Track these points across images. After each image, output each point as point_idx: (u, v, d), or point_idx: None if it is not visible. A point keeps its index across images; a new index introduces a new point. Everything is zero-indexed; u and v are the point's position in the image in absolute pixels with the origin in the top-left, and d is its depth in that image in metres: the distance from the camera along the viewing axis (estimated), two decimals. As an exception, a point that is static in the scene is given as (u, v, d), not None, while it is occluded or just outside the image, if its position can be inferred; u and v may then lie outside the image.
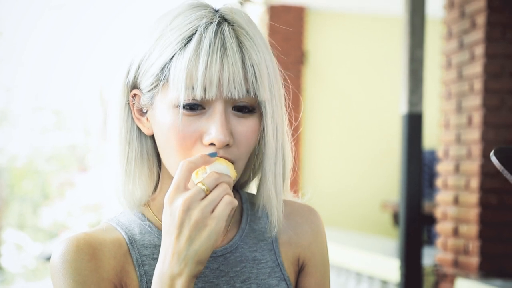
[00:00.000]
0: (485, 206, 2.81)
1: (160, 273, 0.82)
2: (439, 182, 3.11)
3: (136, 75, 0.91)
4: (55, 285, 0.88)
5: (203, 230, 0.80)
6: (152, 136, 0.94)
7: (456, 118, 3.00)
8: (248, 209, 0.98)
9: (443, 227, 3.04)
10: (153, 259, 0.91)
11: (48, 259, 7.71)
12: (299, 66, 5.10)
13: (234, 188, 0.99)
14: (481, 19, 2.86)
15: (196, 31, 0.86)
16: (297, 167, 0.99)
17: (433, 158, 4.60)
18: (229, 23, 0.87)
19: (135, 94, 0.92)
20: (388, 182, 5.17)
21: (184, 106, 0.86)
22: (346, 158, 5.22)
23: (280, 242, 0.97)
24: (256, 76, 0.86)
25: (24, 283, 8.57)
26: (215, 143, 0.86)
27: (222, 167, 0.85)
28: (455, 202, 2.96)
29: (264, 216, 0.97)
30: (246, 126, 0.88)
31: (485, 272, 2.78)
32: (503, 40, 2.86)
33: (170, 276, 0.81)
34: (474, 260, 2.81)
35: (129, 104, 0.93)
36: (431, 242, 4.34)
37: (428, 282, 3.00)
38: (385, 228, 5.10)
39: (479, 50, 2.87)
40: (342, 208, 5.13)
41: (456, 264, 2.92)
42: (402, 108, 2.95)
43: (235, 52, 0.85)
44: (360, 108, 5.25)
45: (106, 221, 0.95)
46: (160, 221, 0.94)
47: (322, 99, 5.21)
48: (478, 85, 2.87)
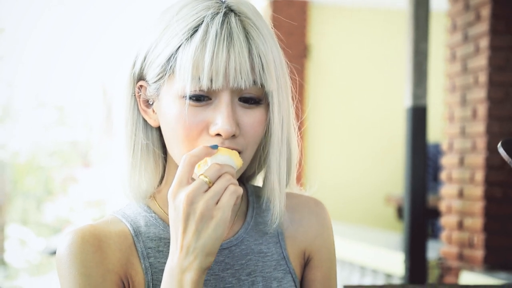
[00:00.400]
0: (489, 199, 2.81)
1: (170, 268, 0.82)
2: (443, 176, 3.10)
3: (142, 66, 0.90)
4: (61, 277, 0.88)
5: (209, 222, 0.80)
6: (158, 128, 0.93)
7: (461, 111, 2.99)
8: (253, 202, 0.98)
9: (447, 220, 3.03)
10: (158, 252, 0.91)
11: (51, 254, 7.73)
12: (302, 60, 5.08)
13: (240, 180, 0.99)
14: (485, 12, 2.85)
15: (203, 22, 0.86)
16: (302, 161, 0.99)
17: (437, 152, 4.59)
18: (235, 14, 0.87)
19: (141, 86, 0.92)
20: (392, 176, 5.16)
21: (190, 97, 0.85)
22: (349, 152, 5.21)
23: (286, 235, 0.97)
24: (263, 66, 0.86)
25: (27, 278, 8.60)
26: (221, 134, 0.85)
27: (224, 157, 0.84)
28: (460, 195, 2.96)
29: (269, 209, 0.96)
30: (252, 117, 0.88)
31: (490, 265, 2.78)
32: (508, 32, 2.84)
33: (180, 270, 0.81)
34: (479, 253, 2.81)
35: (135, 95, 0.92)
36: (435, 235, 4.33)
37: (432, 276, 2.99)
38: (389, 221, 5.10)
39: (484, 43, 2.86)
40: (346, 201, 5.13)
41: (460, 257, 2.91)
42: (407, 101, 2.94)
43: (241, 42, 0.85)
44: (364, 101, 5.24)
45: (112, 213, 0.95)
46: (165, 213, 0.94)
47: (326, 93, 5.19)
48: (483, 77, 2.86)
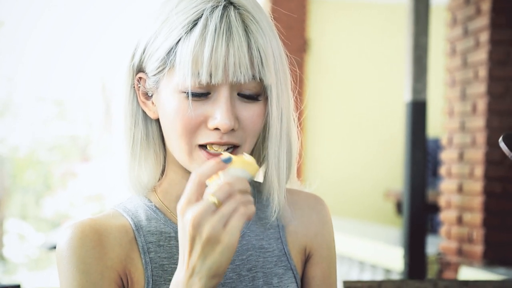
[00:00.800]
0: (489, 194, 2.80)
1: (176, 281, 0.80)
2: (443, 170, 3.10)
3: (141, 58, 0.90)
4: (60, 271, 0.88)
5: (216, 246, 0.77)
6: (158, 120, 0.93)
7: (461, 106, 2.99)
8: (255, 197, 0.97)
9: (447, 215, 3.03)
10: (158, 246, 0.90)
11: (50, 249, 7.73)
12: (302, 54, 5.07)
13: None
14: (486, 5, 2.84)
15: (202, 15, 0.85)
16: (303, 154, 0.99)
17: (436, 146, 4.58)
18: (235, 7, 0.86)
19: (140, 78, 0.91)
20: (391, 171, 5.16)
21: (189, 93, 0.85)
22: (349, 146, 5.21)
23: (287, 231, 0.97)
24: (262, 60, 0.86)
25: (27, 273, 8.60)
26: (220, 128, 0.85)
27: (237, 170, 0.80)
28: (459, 190, 2.95)
29: (270, 203, 0.96)
30: (251, 111, 0.87)
31: (489, 260, 2.78)
32: (508, 26, 2.83)
33: (185, 287, 0.79)
34: (478, 248, 2.81)
35: (134, 87, 0.92)
36: (434, 230, 4.33)
37: (432, 271, 2.99)
38: (388, 216, 5.10)
39: (484, 37, 2.85)
40: (345, 196, 5.13)
41: (460, 252, 2.91)
42: (406, 95, 2.93)
43: (241, 36, 0.85)
44: (363, 96, 5.23)
45: (112, 207, 0.95)
46: (166, 207, 0.94)
47: (325, 88, 5.18)
48: (483, 72, 2.85)
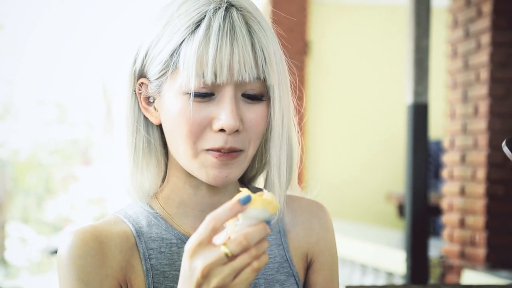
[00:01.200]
0: (491, 197, 2.79)
1: None
2: (445, 173, 3.09)
3: (143, 63, 0.90)
4: (60, 278, 0.88)
5: None
6: (159, 126, 0.93)
7: (462, 108, 2.98)
8: None
9: (449, 218, 3.02)
10: (160, 253, 0.90)
11: (52, 253, 7.73)
12: (302, 57, 5.07)
13: (242, 182, 0.98)
14: (487, 7, 2.83)
15: (205, 16, 0.85)
16: (303, 158, 0.98)
17: (438, 149, 4.57)
18: (236, 8, 0.87)
19: (141, 83, 0.91)
20: (393, 173, 5.15)
21: (194, 94, 0.85)
22: (350, 149, 5.20)
23: (289, 237, 0.96)
24: (265, 60, 0.86)
25: (28, 277, 8.59)
26: (225, 129, 0.85)
27: (258, 211, 0.75)
28: (462, 193, 2.94)
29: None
30: (255, 112, 0.87)
31: (492, 264, 2.77)
32: (510, 28, 2.83)
33: None
34: (480, 251, 2.79)
35: (135, 93, 0.92)
36: (436, 233, 4.32)
37: (434, 274, 2.98)
38: (389, 219, 5.09)
39: (485, 39, 2.84)
40: (347, 199, 5.12)
41: (462, 255, 2.90)
42: (408, 98, 2.93)
43: (244, 36, 0.85)
44: (364, 98, 5.22)
45: (113, 213, 0.94)
46: (167, 213, 0.93)
47: (326, 90, 5.18)
48: (484, 74, 2.84)
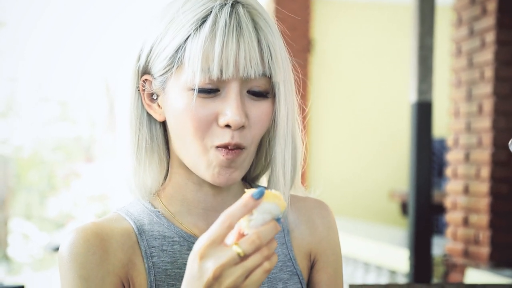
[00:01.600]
0: (495, 195, 2.78)
1: None
2: (448, 171, 3.08)
3: (147, 59, 0.89)
4: (61, 276, 0.88)
5: None
6: (162, 123, 0.92)
7: (466, 106, 2.97)
8: None
9: (453, 216, 3.01)
10: (161, 251, 0.89)
11: (55, 250, 7.74)
12: (306, 55, 5.05)
13: (246, 181, 0.98)
14: (491, 5, 2.81)
15: (211, 12, 0.85)
16: (307, 157, 0.98)
17: (442, 147, 4.56)
18: (242, 5, 0.87)
19: (145, 80, 0.90)
20: (396, 171, 5.14)
21: (199, 89, 0.84)
22: (353, 147, 5.19)
23: (292, 236, 0.96)
24: (272, 56, 0.86)
25: (31, 273, 8.61)
26: (231, 125, 0.84)
27: (271, 205, 0.75)
28: (465, 191, 2.93)
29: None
30: (260, 109, 0.87)
31: (495, 262, 2.76)
32: (515, 26, 2.81)
33: None
34: (484, 250, 2.78)
35: (139, 90, 0.91)
36: (439, 231, 4.31)
37: (437, 272, 2.97)
38: (393, 217, 5.08)
39: (490, 37, 2.83)
40: (350, 197, 5.11)
41: (466, 254, 2.89)
42: (412, 96, 2.91)
43: (250, 32, 0.84)
44: (368, 97, 5.21)
45: (115, 211, 0.94)
46: (169, 211, 0.93)
47: (329, 89, 5.17)
48: (489, 72, 2.83)
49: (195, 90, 0.84)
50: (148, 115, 0.91)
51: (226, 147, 0.85)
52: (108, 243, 0.87)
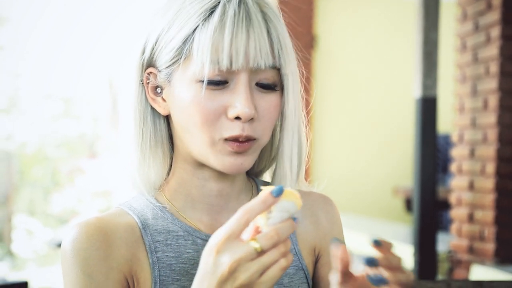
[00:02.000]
0: (501, 191, 2.77)
1: None
2: (453, 167, 3.06)
3: (152, 52, 0.88)
4: (64, 272, 0.87)
5: None
6: (165, 117, 0.91)
7: (471, 102, 2.95)
8: None
9: (457, 213, 2.99)
10: (166, 245, 0.88)
11: (59, 245, 7.75)
12: (309, 50, 5.04)
13: (250, 176, 0.98)
14: (496, 0, 2.79)
15: (219, 2, 0.84)
16: (311, 153, 0.97)
17: (446, 143, 4.54)
18: None
19: (149, 73, 0.89)
20: (400, 167, 5.12)
21: (208, 81, 0.83)
22: (357, 143, 5.18)
23: (297, 231, 0.95)
24: (282, 46, 0.85)
25: (35, 269, 8.63)
26: (241, 117, 0.83)
27: (289, 204, 0.74)
28: (470, 187, 2.92)
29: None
30: (269, 101, 0.86)
31: (501, 259, 2.74)
32: (520, 21, 2.79)
33: None
34: (489, 246, 2.77)
35: (143, 84, 0.90)
36: (444, 228, 4.30)
37: (442, 269, 2.96)
38: (396, 213, 5.07)
39: (495, 32, 2.81)
40: (353, 193, 5.10)
41: (471, 250, 2.88)
42: (416, 91, 2.90)
43: (260, 22, 0.84)
44: (372, 92, 5.19)
45: (118, 205, 0.93)
46: (173, 206, 0.92)
47: (333, 84, 5.15)
48: (494, 68, 2.81)
49: (204, 81, 0.83)
50: (152, 109, 0.90)
51: (237, 139, 0.84)
52: (111, 238, 0.86)
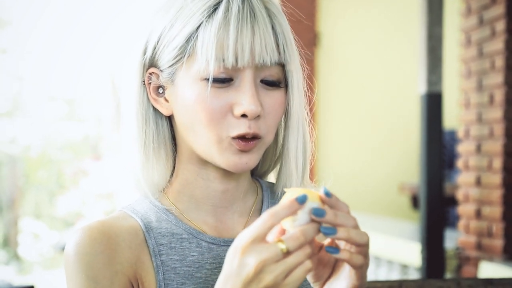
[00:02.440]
0: (509, 187, 2.74)
1: None
2: (460, 163, 3.04)
3: (154, 51, 0.86)
4: (67, 276, 0.85)
5: None
6: (168, 118, 0.90)
7: (477, 97, 2.92)
8: (268, 197, 0.94)
9: (465, 209, 2.97)
10: (170, 248, 0.87)
11: (63, 249, 7.76)
12: (312, 48, 5.01)
13: (254, 177, 0.96)
14: (501, -6, 2.77)
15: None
16: (315, 152, 0.96)
17: (452, 139, 4.52)
18: None
19: (151, 73, 0.88)
20: (406, 164, 5.10)
21: (213, 79, 0.82)
22: (362, 140, 5.15)
23: None
24: (287, 42, 0.84)
25: (41, 272, 8.65)
26: (247, 114, 0.82)
27: (314, 205, 0.74)
28: (477, 183, 2.89)
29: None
30: (274, 98, 0.85)
31: (509, 255, 2.72)
32: (525, 14, 2.76)
33: None
34: (498, 242, 2.74)
35: (145, 84, 0.88)
36: (451, 224, 4.27)
37: (450, 266, 2.93)
38: (402, 210, 5.04)
39: (500, 26, 2.78)
40: (359, 190, 5.07)
41: (479, 247, 2.85)
42: (421, 87, 2.87)
43: (265, 18, 0.82)
44: (376, 89, 5.17)
45: (121, 209, 0.91)
46: (177, 208, 0.90)
47: (336, 81, 5.13)
48: (500, 62, 2.78)
49: (209, 79, 0.82)
50: (154, 110, 0.89)
51: (243, 137, 0.83)
52: (115, 242, 0.85)
